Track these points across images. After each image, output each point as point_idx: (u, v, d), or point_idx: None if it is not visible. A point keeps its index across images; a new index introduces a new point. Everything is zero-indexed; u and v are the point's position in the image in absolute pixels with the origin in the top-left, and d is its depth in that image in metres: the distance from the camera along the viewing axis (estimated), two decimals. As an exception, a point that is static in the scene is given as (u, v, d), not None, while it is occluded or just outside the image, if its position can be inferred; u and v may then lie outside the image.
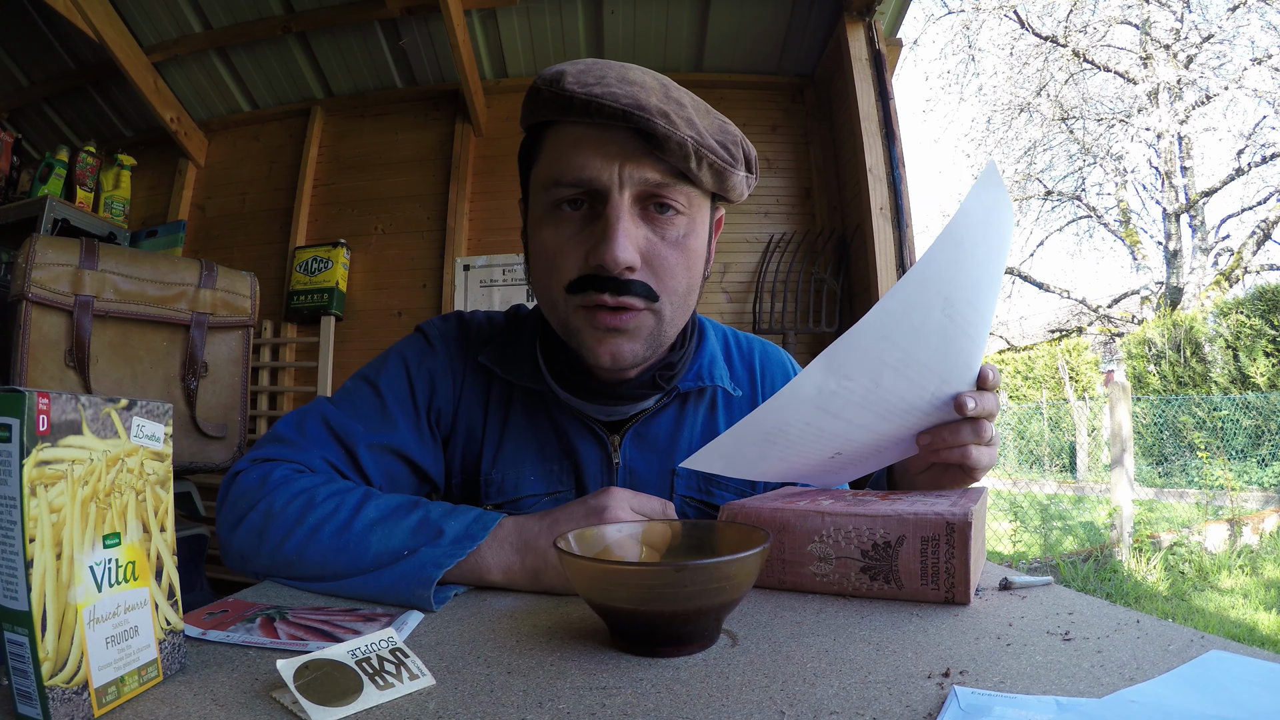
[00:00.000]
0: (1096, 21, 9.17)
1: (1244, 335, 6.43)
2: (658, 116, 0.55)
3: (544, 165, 0.61)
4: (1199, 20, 8.92)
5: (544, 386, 0.71)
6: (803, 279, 2.44)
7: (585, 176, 0.57)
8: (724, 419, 0.74)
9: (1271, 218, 8.83)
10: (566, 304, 0.61)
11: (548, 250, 0.60)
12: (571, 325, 0.62)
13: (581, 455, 0.71)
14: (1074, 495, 6.41)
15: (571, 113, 0.56)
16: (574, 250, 0.59)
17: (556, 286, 0.61)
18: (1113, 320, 10.60)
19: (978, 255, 0.49)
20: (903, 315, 0.46)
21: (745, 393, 0.77)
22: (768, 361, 0.80)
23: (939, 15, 11.36)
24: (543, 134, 0.62)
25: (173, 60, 2.58)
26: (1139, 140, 9.56)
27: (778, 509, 0.53)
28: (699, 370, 0.73)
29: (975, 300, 0.51)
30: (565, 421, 0.71)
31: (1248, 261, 8.99)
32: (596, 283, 0.58)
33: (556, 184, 0.59)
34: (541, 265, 0.62)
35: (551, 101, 0.57)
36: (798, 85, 2.62)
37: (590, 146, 0.57)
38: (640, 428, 0.71)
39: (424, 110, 2.74)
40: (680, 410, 0.73)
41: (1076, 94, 9.77)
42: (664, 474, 0.72)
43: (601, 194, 0.58)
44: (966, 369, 0.55)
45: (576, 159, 0.57)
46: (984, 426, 0.57)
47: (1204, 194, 9.39)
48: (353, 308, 2.62)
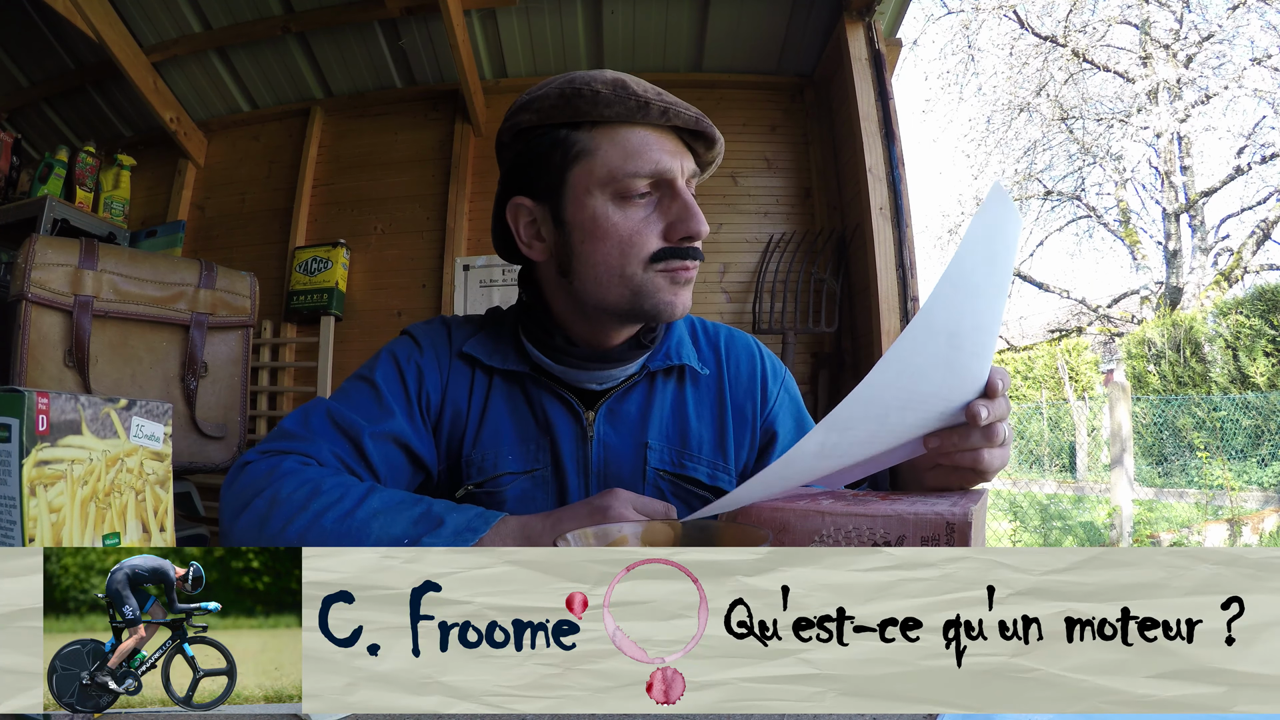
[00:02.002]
0: (1096, 21, 9.17)
1: (1244, 335, 6.43)
2: (709, 123, 0.69)
3: (603, 162, 0.67)
4: (1199, 20, 8.93)
5: (525, 367, 0.76)
6: (802, 279, 2.44)
7: (661, 169, 0.67)
8: (692, 394, 0.80)
9: (1271, 218, 8.83)
10: (646, 273, 0.68)
11: (623, 232, 0.68)
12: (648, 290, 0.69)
13: (558, 430, 0.75)
14: (1074, 495, 6.41)
15: (650, 117, 0.66)
16: (651, 230, 0.68)
17: (635, 260, 0.68)
18: (1112, 320, 10.61)
19: (983, 283, 0.47)
20: (904, 365, 0.45)
21: (712, 371, 0.81)
22: (733, 344, 0.85)
23: (939, 15, 11.38)
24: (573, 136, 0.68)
25: (172, 60, 2.58)
26: (1139, 140, 9.57)
27: (778, 509, 0.53)
28: (668, 350, 0.79)
29: (982, 321, 0.50)
30: (543, 399, 0.76)
31: (1247, 261, 9.00)
32: (680, 252, 0.68)
33: (633, 176, 0.66)
34: (610, 248, 0.68)
35: (621, 103, 0.65)
36: (797, 85, 2.62)
37: (658, 145, 0.67)
38: (613, 404, 0.76)
39: (423, 110, 2.74)
40: (650, 387, 0.78)
41: (1076, 94, 9.77)
42: (636, 447, 0.76)
43: (670, 183, 0.68)
44: (974, 382, 0.54)
45: (651, 155, 0.66)
46: (996, 429, 0.56)
47: (1204, 194, 9.40)
48: (352, 308, 2.62)
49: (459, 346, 0.79)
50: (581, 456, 0.75)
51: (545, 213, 0.71)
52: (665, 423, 0.77)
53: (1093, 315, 10.84)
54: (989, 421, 0.55)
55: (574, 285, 0.71)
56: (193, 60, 2.60)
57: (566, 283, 0.71)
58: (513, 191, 0.73)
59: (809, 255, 2.47)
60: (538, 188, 0.70)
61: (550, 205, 0.70)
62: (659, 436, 0.76)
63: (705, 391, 0.80)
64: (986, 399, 0.55)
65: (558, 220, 0.70)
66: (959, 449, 0.57)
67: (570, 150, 0.68)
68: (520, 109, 0.70)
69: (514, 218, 0.73)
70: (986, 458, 0.57)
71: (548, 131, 0.68)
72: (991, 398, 0.55)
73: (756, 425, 0.81)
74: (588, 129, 0.67)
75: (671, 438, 0.77)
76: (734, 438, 0.79)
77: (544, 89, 0.69)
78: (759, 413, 0.81)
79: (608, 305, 0.70)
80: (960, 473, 0.60)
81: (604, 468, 0.75)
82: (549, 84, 0.69)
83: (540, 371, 0.76)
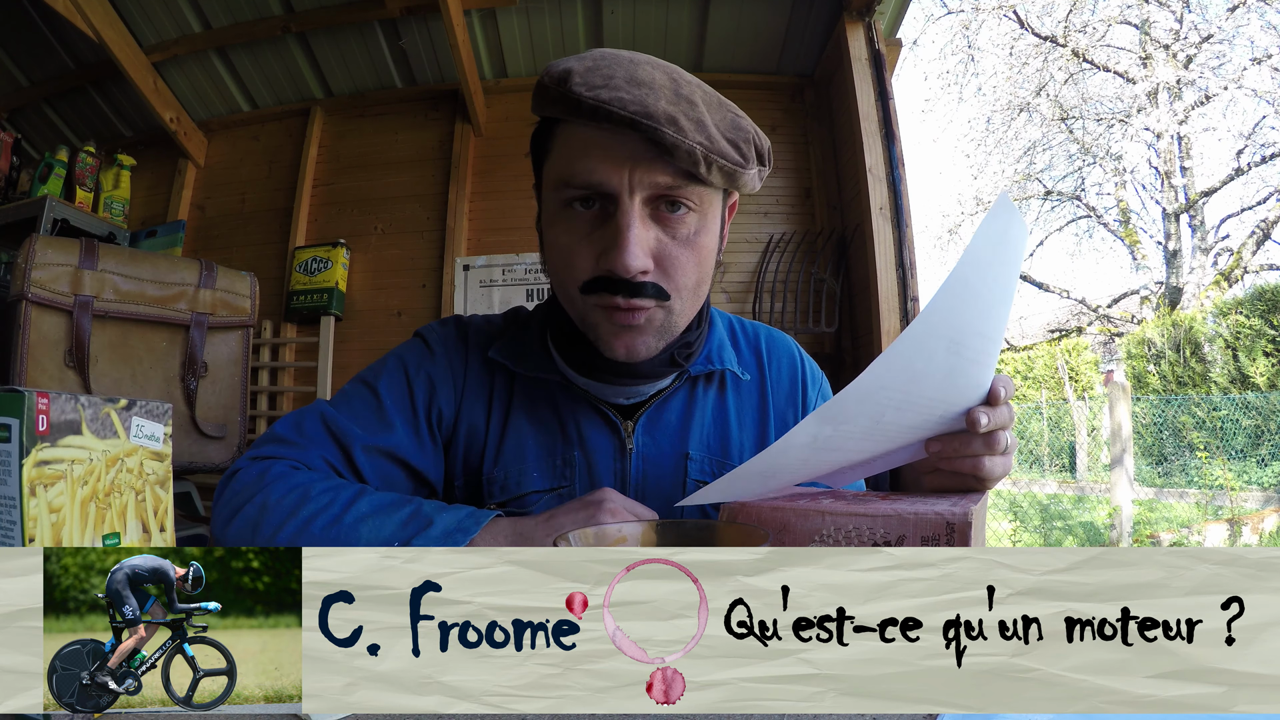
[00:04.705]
0: (1096, 21, 9.17)
1: (1244, 335, 6.43)
2: (666, 124, 0.54)
3: (554, 164, 0.61)
4: (1198, 20, 8.93)
5: (555, 375, 0.71)
6: (802, 279, 2.44)
7: (595, 180, 0.57)
8: (734, 401, 0.75)
9: (1271, 218, 8.83)
10: (583, 302, 0.62)
11: (561, 249, 0.62)
12: (589, 321, 0.63)
13: (592, 443, 0.70)
14: (1074, 495, 6.41)
15: (580, 116, 0.55)
16: (586, 251, 0.60)
17: (572, 285, 0.62)
18: (1112, 320, 10.61)
19: (986, 291, 0.47)
20: (903, 365, 0.44)
21: (754, 377, 0.77)
22: (774, 346, 0.80)
23: (939, 15, 11.36)
24: (553, 128, 0.62)
25: (172, 60, 2.58)
26: (1139, 140, 9.57)
27: (778, 508, 0.53)
28: (708, 354, 0.73)
29: (985, 329, 0.49)
30: (576, 409, 0.71)
31: (1247, 261, 8.99)
32: (610, 285, 0.59)
33: (567, 185, 0.59)
34: (557, 262, 0.63)
35: (558, 101, 0.56)
36: (797, 85, 2.62)
37: (599, 150, 0.57)
38: (653, 413, 0.71)
39: (424, 110, 2.74)
40: (691, 393, 0.73)
41: (1076, 94, 9.77)
42: (677, 457, 0.71)
43: (612, 197, 0.58)
44: (976, 389, 0.53)
45: (586, 162, 0.57)
46: (997, 437, 0.55)
47: (1204, 194, 9.40)
48: (352, 308, 2.62)
49: (480, 351, 0.74)
50: (620, 471, 0.70)
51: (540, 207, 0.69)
52: (707, 431, 0.73)
53: (1093, 315, 10.84)
54: (989, 429, 0.53)
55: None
56: (193, 60, 2.60)
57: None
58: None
59: (809, 255, 2.47)
60: (537, 180, 0.68)
61: (539, 201, 0.68)
62: (700, 446, 0.72)
63: (747, 397, 0.76)
64: (988, 406, 0.54)
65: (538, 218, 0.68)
66: (960, 455, 0.56)
67: (541, 146, 0.64)
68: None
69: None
70: (987, 465, 0.56)
71: (540, 122, 0.65)
72: (993, 405, 0.54)
73: None
74: (558, 124, 0.61)
75: (713, 447, 0.73)
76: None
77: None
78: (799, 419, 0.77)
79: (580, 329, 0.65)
80: (960, 479, 0.59)
81: (643, 481, 0.70)
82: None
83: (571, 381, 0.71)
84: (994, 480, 0.57)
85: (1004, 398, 0.55)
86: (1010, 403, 0.56)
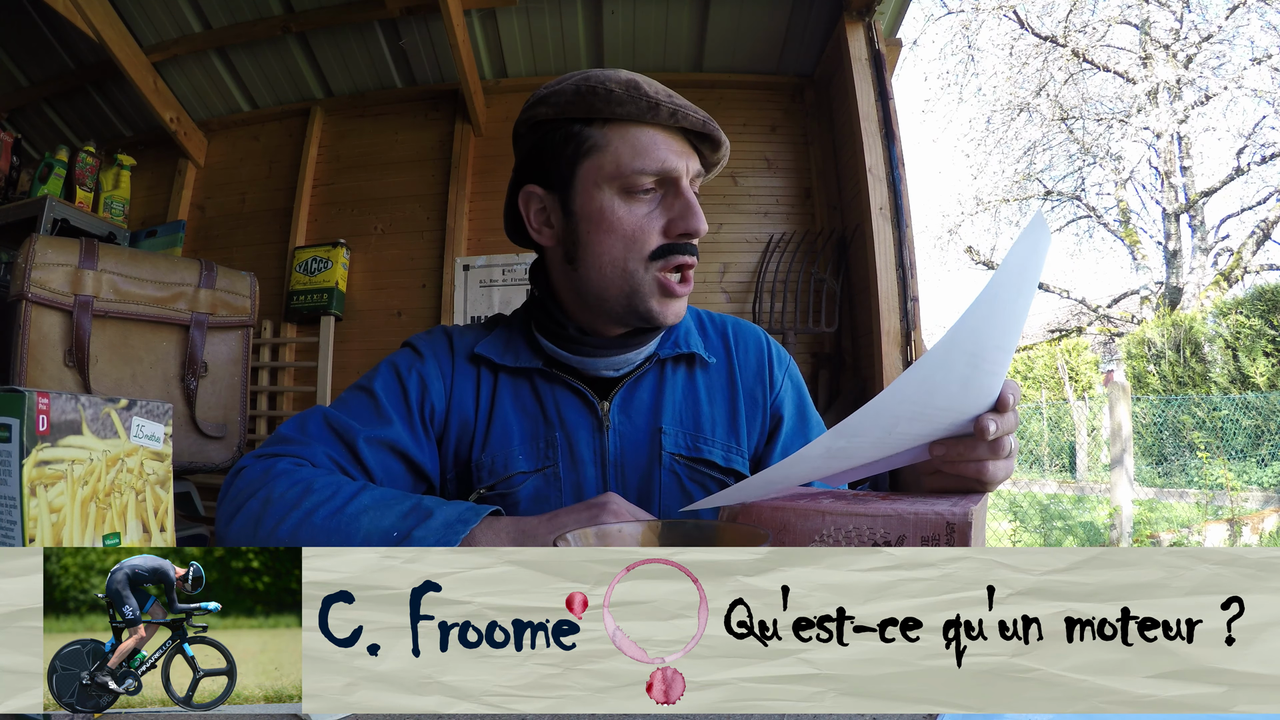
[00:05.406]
0: (1096, 21, 9.17)
1: (1244, 335, 6.43)
2: (716, 126, 0.72)
3: (611, 158, 0.70)
4: (1198, 20, 8.92)
5: (538, 363, 0.78)
6: (802, 279, 2.44)
7: (667, 168, 0.69)
8: (703, 380, 0.82)
9: (1271, 218, 8.83)
10: (646, 272, 0.71)
11: (627, 227, 0.70)
12: (643, 291, 0.72)
13: (571, 424, 0.77)
14: (1074, 495, 6.42)
15: (659, 118, 0.68)
16: (653, 225, 0.71)
17: (637, 255, 0.70)
18: (1112, 320, 10.61)
19: (1011, 304, 0.47)
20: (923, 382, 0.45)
21: (720, 360, 0.83)
22: (740, 332, 0.87)
23: (939, 15, 11.36)
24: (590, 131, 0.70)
25: (172, 60, 2.58)
26: (1139, 140, 9.57)
27: (778, 508, 0.53)
28: (676, 339, 0.81)
29: (1002, 342, 0.49)
30: (555, 394, 0.78)
31: (1247, 261, 8.99)
32: (680, 248, 0.71)
33: (640, 173, 0.69)
34: (614, 242, 0.71)
35: (633, 103, 0.68)
36: (797, 85, 2.62)
37: (666, 144, 0.70)
38: (626, 393, 0.78)
39: (423, 110, 2.74)
40: (660, 374, 0.80)
41: (1076, 94, 9.77)
42: (651, 433, 0.77)
43: (674, 181, 0.71)
44: (987, 396, 0.53)
45: (658, 153, 0.69)
46: (1002, 442, 0.56)
47: (1204, 194, 9.39)
48: (352, 308, 2.62)
49: (465, 350, 0.80)
50: (598, 447, 0.76)
51: (555, 202, 0.74)
52: (678, 408, 0.79)
53: (1093, 315, 10.84)
54: (997, 436, 0.54)
55: (579, 274, 0.73)
56: (193, 60, 2.60)
57: (572, 271, 0.74)
58: (526, 179, 0.76)
59: (809, 255, 2.47)
60: (550, 178, 0.73)
61: (560, 195, 0.73)
62: (672, 422, 0.78)
63: (715, 377, 0.82)
64: (997, 413, 0.54)
65: (567, 210, 0.73)
66: (964, 459, 0.56)
67: (583, 144, 0.70)
68: (538, 102, 0.73)
69: (525, 204, 0.76)
70: (990, 469, 0.56)
71: (562, 125, 0.71)
72: (1002, 412, 0.55)
73: (766, 409, 0.82)
74: (600, 125, 0.70)
75: (685, 422, 0.78)
76: (746, 420, 0.80)
77: (561, 84, 0.72)
78: (768, 396, 0.83)
79: (607, 299, 0.73)
80: (963, 481, 0.59)
81: (621, 457, 0.76)
82: (566, 80, 0.72)
83: (554, 365, 0.78)
84: (996, 483, 0.58)
85: (1011, 404, 0.55)
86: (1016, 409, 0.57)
